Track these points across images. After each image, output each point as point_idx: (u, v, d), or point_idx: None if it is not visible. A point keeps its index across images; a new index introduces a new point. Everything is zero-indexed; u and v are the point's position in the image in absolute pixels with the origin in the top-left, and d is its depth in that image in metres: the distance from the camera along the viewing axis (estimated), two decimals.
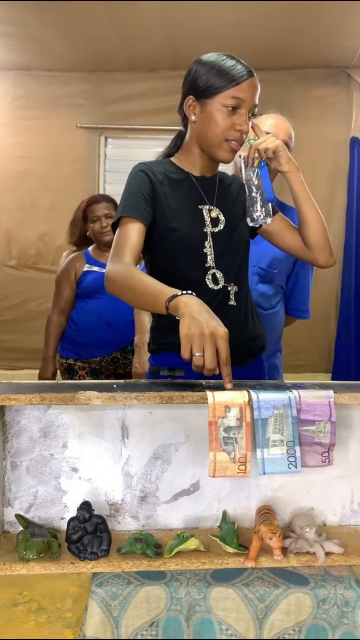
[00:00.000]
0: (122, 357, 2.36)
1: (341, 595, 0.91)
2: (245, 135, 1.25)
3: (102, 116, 3.71)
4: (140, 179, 1.29)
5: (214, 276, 1.31)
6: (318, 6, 2.78)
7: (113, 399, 0.94)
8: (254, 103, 1.24)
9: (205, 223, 1.32)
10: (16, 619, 0.83)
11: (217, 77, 1.22)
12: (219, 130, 1.24)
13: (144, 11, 2.85)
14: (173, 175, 1.33)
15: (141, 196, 1.26)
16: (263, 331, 1.45)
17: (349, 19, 2.94)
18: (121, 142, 3.82)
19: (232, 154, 1.27)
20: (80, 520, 0.96)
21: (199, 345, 0.95)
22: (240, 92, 1.21)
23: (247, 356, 1.37)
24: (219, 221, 1.33)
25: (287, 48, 3.29)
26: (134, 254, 1.20)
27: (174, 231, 1.29)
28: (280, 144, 1.29)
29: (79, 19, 2.97)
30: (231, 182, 1.42)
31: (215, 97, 1.22)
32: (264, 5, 2.76)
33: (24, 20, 3.00)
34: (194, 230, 1.30)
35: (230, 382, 0.98)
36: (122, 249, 1.20)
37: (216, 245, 1.31)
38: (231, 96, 1.21)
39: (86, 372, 2.40)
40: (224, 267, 1.32)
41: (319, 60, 3.49)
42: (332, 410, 0.97)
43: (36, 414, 1.06)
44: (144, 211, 1.24)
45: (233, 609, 0.90)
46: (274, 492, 1.10)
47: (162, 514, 1.08)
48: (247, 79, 1.21)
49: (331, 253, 1.38)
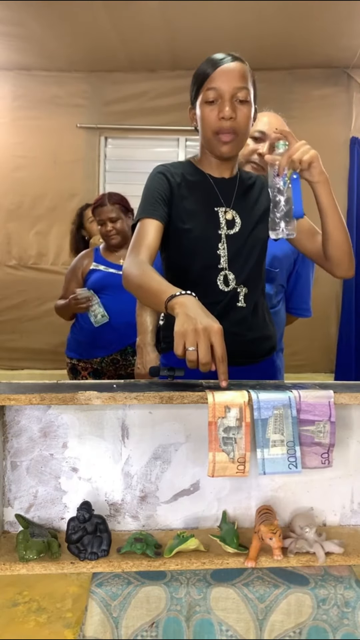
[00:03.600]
0: (121, 358, 2.36)
1: (341, 595, 0.91)
2: (232, 121, 1.23)
3: (102, 116, 3.71)
4: (159, 180, 1.32)
5: (225, 278, 1.32)
6: (318, 6, 2.78)
7: (113, 399, 0.94)
8: (233, 87, 1.22)
9: (220, 225, 1.32)
10: (16, 619, 0.83)
11: (195, 78, 1.28)
12: (207, 125, 1.26)
13: (144, 11, 2.85)
14: (190, 177, 1.35)
15: (159, 197, 1.29)
16: (275, 331, 1.46)
17: (349, 19, 2.95)
18: (121, 142, 3.82)
19: (227, 145, 1.26)
20: (80, 520, 0.96)
21: (192, 340, 0.94)
22: (213, 82, 1.23)
23: (256, 355, 1.39)
24: (235, 223, 1.33)
25: (287, 48, 3.29)
26: (149, 252, 1.22)
27: (189, 233, 1.31)
28: (316, 155, 1.22)
29: (78, 19, 2.97)
30: (254, 182, 1.41)
31: (199, 98, 1.27)
32: (264, 6, 2.76)
33: (23, 20, 3.00)
34: (208, 232, 1.32)
35: (225, 380, 0.97)
36: (138, 246, 1.23)
37: (230, 248, 1.32)
38: (206, 89, 1.24)
39: (88, 373, 2.41)
40: (236, 269, 1.33)
41: (319, 60, 3.49)
42: (331, 410, 0.97)
43: (36, 414, 1.06)
44: (161, 211, 1.28)
45: (233, 609, 0.90)
46: (274, 492, 1.09)
47: (162, 514, 1.08)
48: (217, 67, 1.22)
49: (350, 267, 1.34)
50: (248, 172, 1.44)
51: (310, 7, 2.78)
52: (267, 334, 1.42)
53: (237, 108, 1.23)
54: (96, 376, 2.40)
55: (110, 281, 2.36)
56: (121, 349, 2.35)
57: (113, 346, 2.35)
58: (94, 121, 3.70)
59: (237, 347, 1.31)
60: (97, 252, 2.48)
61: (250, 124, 1.28)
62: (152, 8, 2.81)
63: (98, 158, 3.76)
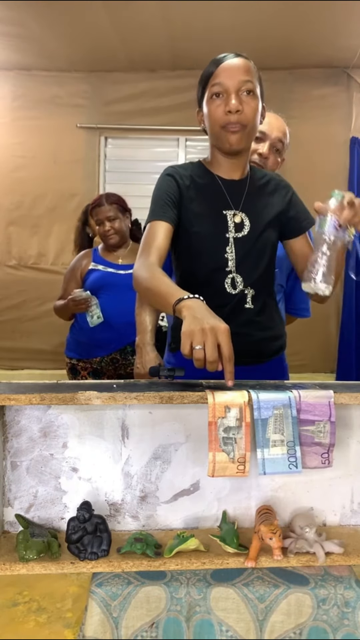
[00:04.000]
0: (121, 357, 2.36)
1: (341, 595, 0.91)
2: (239, 114, 1.23)
3: (102, 116, 3.71)
4: (168, 182, 1.32)
5: (233, 280, 1.32)
6: (318, 6, 2.78)
7: (113, 399, 0.94)
8: (238, 80, 1.22)
9: (228, 228, 1.32)
10: (16, 619, 0.83)
11: (200, 79, 1.30)
12: (214, 120, 1.26)
13: (144, 11, 2.85)
14: (199, 180, 1.35)
15: (168, 199, 1.30)
16: (284, 331, 1.46)
17: (349, 19, 2.94)
18: (121, 142, 3.82)
19: (235, 135, 1.25)
20: (80, 520, 0.96)
21: (200, 339, 0.95)
22: (218, 77, 1.24)
23: (263, 355, 1.39)
24: (244, 226, 1.33)
25: (287, 48, 3.29)
26: (159, 254, 1.24)
27: (196, 236, 1.31)
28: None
29: (79, 19, 2.97)
30: (267, 182, 1.40)
31: (204, 96, 1.28)
32: (264, 5, 2.76)
33: (23, 20, 3.00)
34: (215, 235, 1.32)
35: (231, 380, 0.97)
36: (148, 248, 1.25)
37: (238, 250, 1.32)
38: (211, 85, 1.25)
39: (88, 373, 2.41)
40: (244, 272, 1.33)
41: (319, 60, 3.48)
42: (331, 410, 0.97)
43: (36, 414, 1.06)
44: (171, 213, 1.29)
45: (233, 609, 0.90)
46: (274, 492, 1.09)
47: (162, 514, 1.08)
48: (221, 63, 1.24)
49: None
50: (262, 171, 1.43)
51: (310, 7, 2.78)
52: (275, 334, 1.42)
53: (244, 101, 1.23)
54: (96, 376, 2.40)
55: (109, 281, 2.37)
56: (120, 348, 2.35)
57: (112, 346, 2.36)
58: (94, 121, 3.70)
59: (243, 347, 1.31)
60: (96, 252, 2.49)
61: (258, 117, 1.28)
62: (152, 8, 2.81)
63: (98, 158, 3.76)
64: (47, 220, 3.71)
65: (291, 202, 1.40)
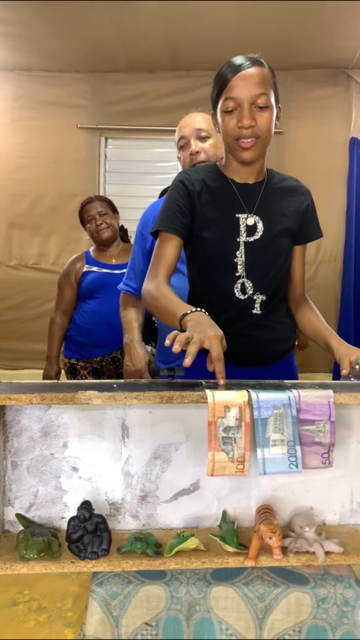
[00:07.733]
0: (122, 356, 2.36)
1: (341, 594, 0.91)
2: (252, 129, 1.22)
3: (102, 117, 3.71)
4: (179, 190, 1.32)
5: (242, 286, 1.31)
6: (318, 6, 2.78)
7: (113, 399, 0.94)
8: (252, 94, 1.21)
9: (239, 232, 1.31)
10: (16, 619, 0.83)
11: (214, 87, 1.28)
12: (227, 133, 1.26)
13: (144, 12, 2.85)
14: (212, 183, 1.33)
15: (177, 208, 1.30)
16: (292, 335, 1.46)
17: (349, 19, 2.94)
18: (121, 142, 3.82)
19: (248, 151, 1.25)
20: (81, 519, 0.97)
21: (190, 336, 1.00)
22: (231, 92, 1.22)
23: (270, 357, 1.39)
24: (256, 230, 1.32)
25: (287, 48, 3.29)
26: (166, 271, 1.28)
27: (206, 240, 1.31)
28: None
29: (79, 20, 2.97)
30: (284, 187, 1.38)
31: (218, 106, 1.27)
32: (263, 6, 2.76)
33: (24, 21, 3.00)
34: (225, 239, 1.31)
35: (222, 379, 1.01)
36: (157, 266, 1.29)
37: (249, 255, 1.31)
38: (224, 99, 1.24)
39: (88, 372, 2.42)
40: (254, 277, 1.31)
41: (319, 60, 3.48)
42: (331, 410, 0.97)
43: (37, 414, 1.06)
44: (179, 224, 1.29)
45: (233, 608, 0.90)
46: (274, 491, 1.10)
47: (162, 514, 1.08)
48: (234, 76, 1.22)
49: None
50: (281, 175, 1.41)
51: (310, 8, 2.78)
52: (281, 336, 1.41)
53: (257, 115, 1.22)
54: (96, 375, 2.41)
55: (105, 281, 2.39)
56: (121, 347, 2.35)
57: (112, 344, 2.36)
58: (94, 122, 3.70)
59: (246, 349, 1.32)
60: (88, 254, 2.52)
61: (272, 127, 1.27)
62: (152, 9, 2.81)
63: (98, 158, 3.76)
64: (47, 221, 3.71)
65: (307, 209, 1.39)
